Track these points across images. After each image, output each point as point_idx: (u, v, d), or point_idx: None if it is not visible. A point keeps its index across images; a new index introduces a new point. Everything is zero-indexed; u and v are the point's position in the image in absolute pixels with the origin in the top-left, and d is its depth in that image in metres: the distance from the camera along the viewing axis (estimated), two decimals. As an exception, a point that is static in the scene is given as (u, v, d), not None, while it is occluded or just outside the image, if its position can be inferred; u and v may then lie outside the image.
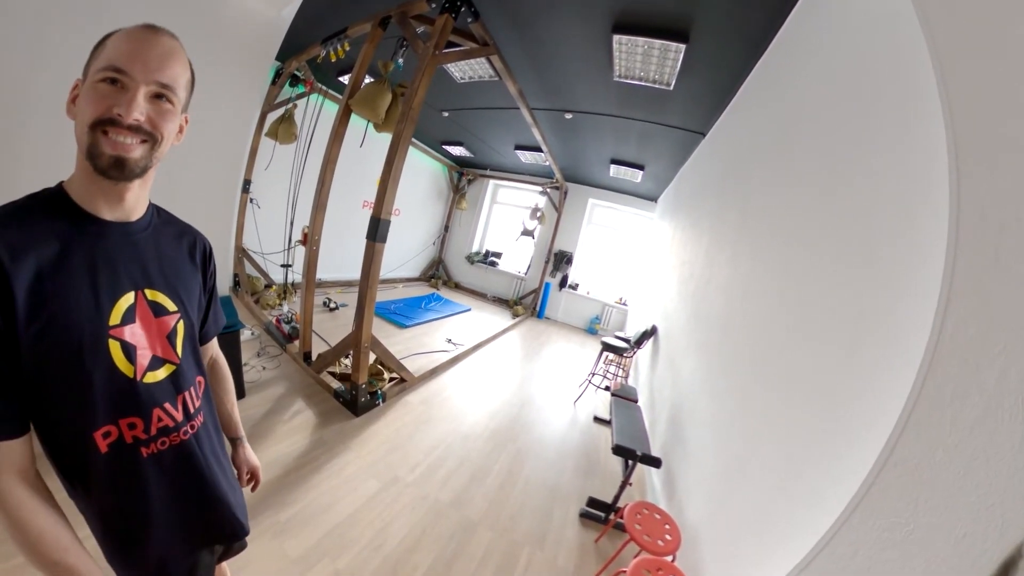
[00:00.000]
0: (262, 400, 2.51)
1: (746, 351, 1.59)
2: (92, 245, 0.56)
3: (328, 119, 3.28)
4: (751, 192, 2.00)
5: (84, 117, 0.51)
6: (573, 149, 5.29)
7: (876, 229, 0.94)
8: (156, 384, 0.61)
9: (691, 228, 3.27)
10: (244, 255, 4.40)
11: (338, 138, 2.89)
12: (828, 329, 1.04)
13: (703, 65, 2.54)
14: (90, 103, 0.51)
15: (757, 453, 1.27)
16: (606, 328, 7.07)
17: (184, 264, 0.71)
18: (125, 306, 0.57)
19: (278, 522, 1.65)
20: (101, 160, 0.52)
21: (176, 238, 0.71)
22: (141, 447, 0.59)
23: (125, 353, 0.57)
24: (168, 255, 0.67)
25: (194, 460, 0.68)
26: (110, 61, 0.52)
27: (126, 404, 0.57)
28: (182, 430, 0.65)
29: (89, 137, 0.51)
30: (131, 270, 0.60)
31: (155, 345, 0.61)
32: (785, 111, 1.78)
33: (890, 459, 0.74)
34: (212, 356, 0.91)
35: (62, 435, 0.55)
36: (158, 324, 0.62)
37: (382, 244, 2.52)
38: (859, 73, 1.20)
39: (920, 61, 0.84)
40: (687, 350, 2.49)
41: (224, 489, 0.74)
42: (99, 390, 0.54)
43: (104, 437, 0.56)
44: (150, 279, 0.62)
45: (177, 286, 0.67)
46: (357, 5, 2.79)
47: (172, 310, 0.65)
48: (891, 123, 0.97)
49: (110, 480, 0.58)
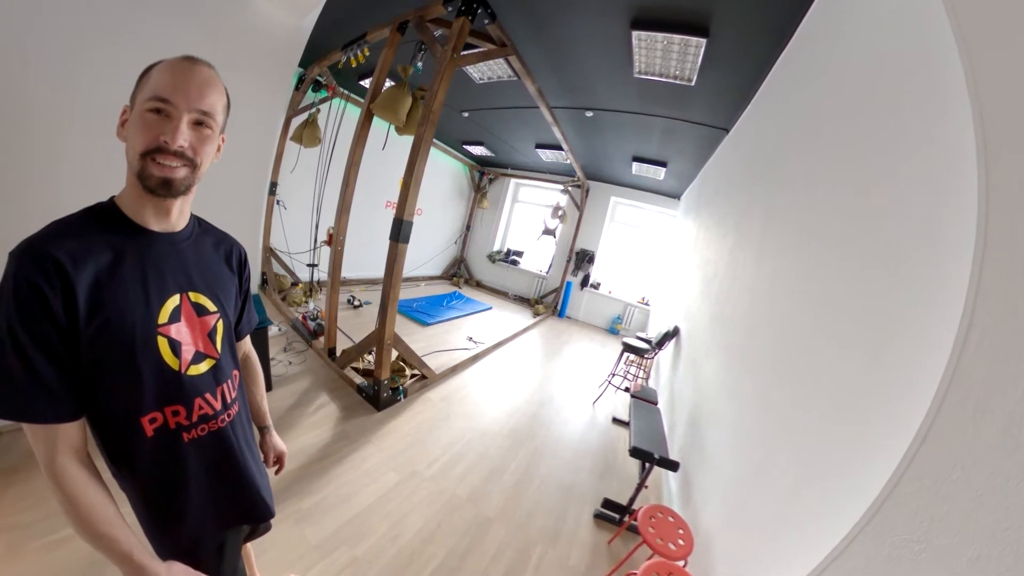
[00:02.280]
0: (288, 393, 2.63)
1: (769, 354, 1.54)
2: (143, 253, 0.62)
3: (351, 122, 3.38)
4: (777, 189, 1.93)
5: (135, 145, 0.58)
6: (594, 147, 5.22)
7: (902, 231, 0.89)
8: (198, 376, 0.67)
9: (715, 226, 3.17)
10: (271, 254, 4.61)
11: (361, 141, 2.97)
12: (852, 334, 1.00)
13: (724, 59, 2.46)
14: (140, 133, 0.57)
15: (776, 459, 1.24)
16: (628, 328, 6.96)
17: (222, 269, 0.77)
18: (172, 307, 0.64)
19: (300, 509, 1.73)
20: (150, 181, 0.59)
21: (215, 246, 0.77)
22: (183, 432, 0.66)
23: (172, 348, 0.63)
24: (208, 261, 0.74)
25: (229, 445, 0.74)
26: (155, 92, 0.57)
27: (171, 393, 0.64)
28: (220, 418, 0.71)
29: (140, 163, 0.58)
30: (176, 275, 0.66)
31: (198, 341, 0.67)
32: (809, 105, 1.71)
33: (907, 473, 0.71)
34: (245, 352, 0.97)
35: (113, 421, 0.61)
36: (200, 323, 0.69)
37: (405, 245, 2.57)
38: (883, 66, 1.14)
39: (947, 53, 0.79)
40: (709, 352, 2.43)
41: (254, 473, 0.80)
42: (148, 381, 0.60)
43: (151, 423, 0.62)
44: (193, 283, 0.68)
45: (216, 289, 0.74)
46: (375, 11, 2.85)
47: (212, 310, 0.71)
48: (917, 120, 0.91)
49: (153, 461, 0.64)
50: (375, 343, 2.72)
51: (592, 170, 6.61)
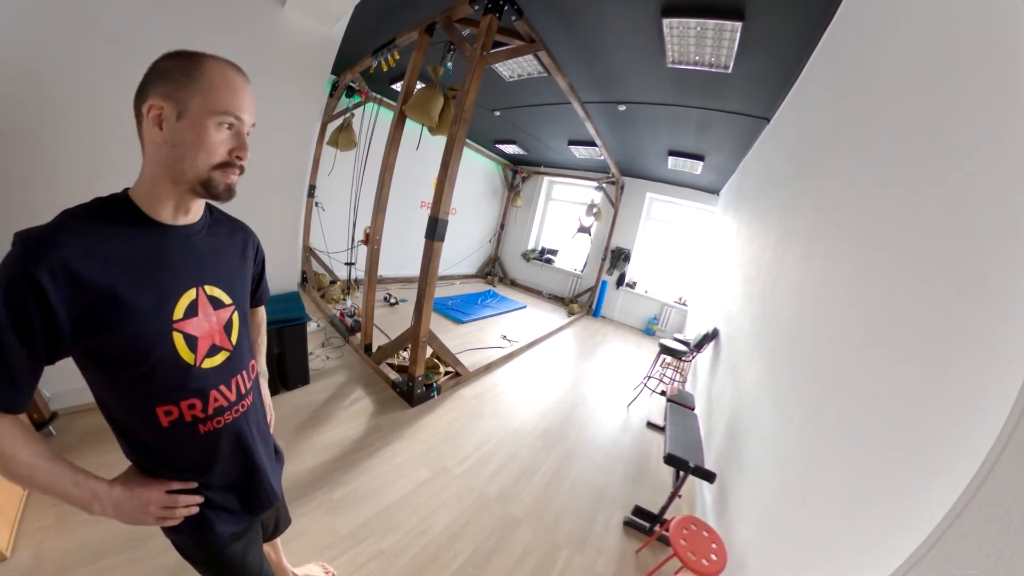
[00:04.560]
0: (325, 387, 2.75)
1: (818, 361, 1.41)
2: (157, 248, 0.62)
3: (384, 125, 3.48)
4: (824, 183, 1.77)
5: (206, 157, 0.59)
6: (628, 142, 5.06)
7: (970, 232, 0.78)
8: (213, 369, 0.68)
9: (757, 222, 2.97)
10: (311, 254, 4.84)
11: (395, 143, 3.04)
12: (912, 344, 0.89)
13: (762, 43, 2.30)
14: (213, 146, 0.59)
15: (822, 477, 1.13)
16: (664, 329, 6.71)
17: (236, 259, 0.78)
18: (187, 302, 0.64)
19: (332, 499, 1.80)
20: (218, 189, 0.62)
21: (228, 235, 0.78)
22: (199, 424, 0.68)
23: (187, 343, 0.64)
24: (222, 252, 0.74)
25: (243, 435, 0.76)
26: (228, 108, 0.59)
27: (187, 387, 0.65)
28: (234, 408, 0.73)
29: (209, 173, 0.60)
30: (191, 269, 0.66)
31: (214, 335, 0.68)
32: (857, 90, 1.55)
33: (973, 501, 0.62)
34: (257, 313, 1.01)
35: (128, 412, 0.63)
36: (217, 316, 0.69)
37: (440, 243, 2.60)
38: (943, 43, 1.00)
39: (1019, 25, 0.68)
40: (751, 357, 2.28)
41: (264, 460, 0.83)
42: (163, 375, 0.62)
43: (166, 415, 0.64)
44: (208, 276, 0.69)
45: (232, 280, 0.75)
46: (402, 15, 2.91)
47: (228, 303, 0.72)
48: (983, 108, 0.80)
49: (167, 452, 0.67)
50: (410, 340, 2.78)
51: (627, 166, 6.41)
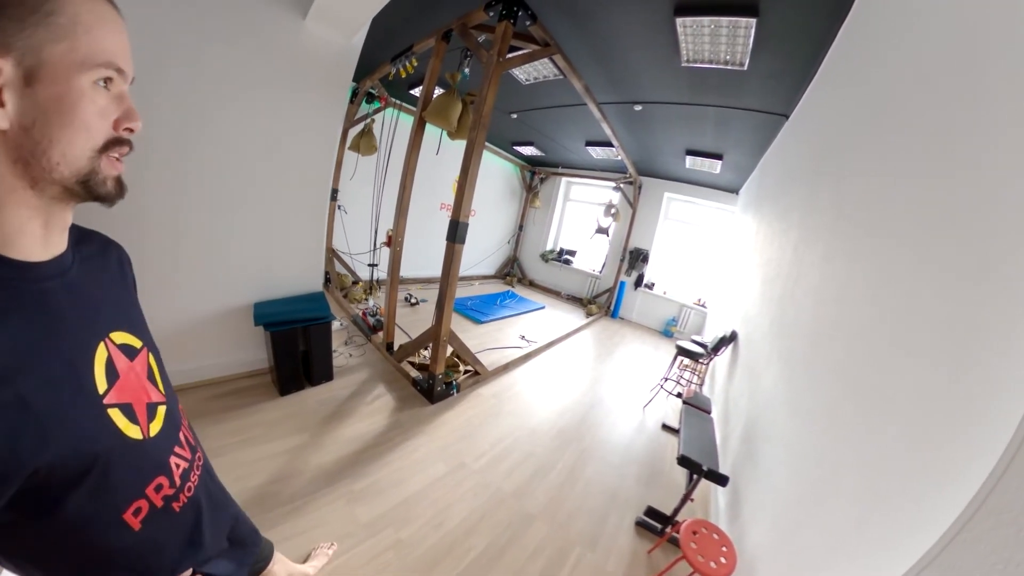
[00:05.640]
0: (348, 383, 2.86)
1: (837, 365, 1.38)
2: (38, 303, 0.42)
3: (404, 130, 3.57)
4: (845, 180, 1.73)
5: (87, 138, 0.40)
6: (645, 141, 5.02)
7: (995, 229, 0.76)
8: (161, 432, 0.55)
9: (777, 221, 2.90)
10: (334, 255, 5.01)
11: (415, 148, 3.13)
12: (934, 347, 0.87)
13: (778, 38, 2.25)
14: (94, 116, 0.40)
15: (838, 484, 1.12)
16: (683, 331, 6.59)
17: (120, 283, 0.60)
18: (102, 365, 0.47)
19: (352, 490, 1.88)
20: (106, 186, 0.43)
21: (102, 256, 0.58)
22: (173, 503, 0.55)
23: (127, 416, 0.48)
24: (105, 280, 0.55)
25: (212, 483, 0.67)
26: (109, 57, 0.40)
27: (147, 468, 0.52)
28: (194, 465, 0.62)
29: (89, 163, 0.41)
30: (86, 318, 0.47)
31: (144, 392, 0.53)
32: (878, 82, 1.51)
33: (984, 505, 0.62)
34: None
35: (85, 547, 0.47)
36: (135, 367, 0.53)
37: (461, 245, 2.66)
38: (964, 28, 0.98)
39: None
40: (769, 360, 2.24)
41: (233, 503, 0.77)
42: (118, 469, 0.46)
43: (135, 515, 0.50)
44: (107, 320, 0.51)
45: (131, 314, 0.58)
46: (419, 22, 2.98)
47: (139, 346, 0.56)
48: (1009, 99, 0.78)
49: (146, 559, 0.53)
50: (431, 339, 2.85)
51: (644, 166, 6.35)
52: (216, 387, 2.45)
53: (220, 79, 2.07)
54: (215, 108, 2.09)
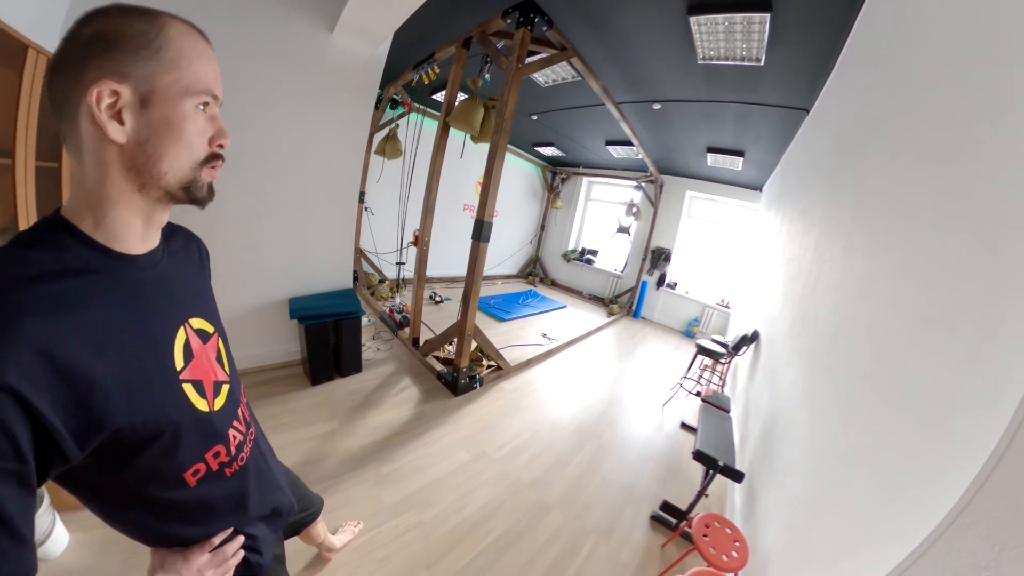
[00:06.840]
0: (376, 376, 3.01)
1: (855, 364, 1.36)
2: (135, 291, 0.50)
3: (427, 134, 3.70)
4: (867, 173, 1.70)
5: (190, 153, 0.48)
6: (665, 140, 4.99)
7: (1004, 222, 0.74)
8: (223, 407, 0.62)
9: (799, 219, 2.84)
10: (361, 255, 5.22)
11: (440, 151, 3.26)
12: (951, 342, 0.85)
13: (794, 31, 2.23)
14: (193, 135, 0.48)
15: (853, 483, 1.09)
16: (705, 332, 6.47)
17: (200, 274, 0.69)
18: (181, 346, 0.55)
19: (379, 474, 2.01)
20: (202, 191, 0.52)
21: (185, 250, 0.66)
22: (226, 469, 0.62)
23: (197, 391, 0.56)
24: (189, 273, 0.64)
25: (260, 460, 0.73)
26: (207, 86, 0.49)
27: (209, 436, 0.58)
28: (248, 437, 0.68)
29: (192, 173, 0.50)
30: (171, 304, 0.56)
31: (212, 372, 0.61)
32: (897, 72, 1.47)
33: (983, 488, 0.63)
34: None
35: (146, 496, 0.53)
36: (207, 350, 0.61)
37: (486, 244, 2.77)
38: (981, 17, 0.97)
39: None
40: (789, 359, 2.22)
41: (278, 475, 0.82)
42: (186, 435, 0.53)
43: (194, 475, 0.56)
44: (188, 307, 0.59)
45: (208, 303, 0.66)
46: (440, 31, 3.10)
47: (212, 331, 0.64)
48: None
49: (195, 514, 0.60)
50: (456, 333, 2.97)
51: (665, 164, 6.28)
52: (252, 376, 2.63)
53: (257, 94, 2.25)
54: (254, 122, 2.27)
